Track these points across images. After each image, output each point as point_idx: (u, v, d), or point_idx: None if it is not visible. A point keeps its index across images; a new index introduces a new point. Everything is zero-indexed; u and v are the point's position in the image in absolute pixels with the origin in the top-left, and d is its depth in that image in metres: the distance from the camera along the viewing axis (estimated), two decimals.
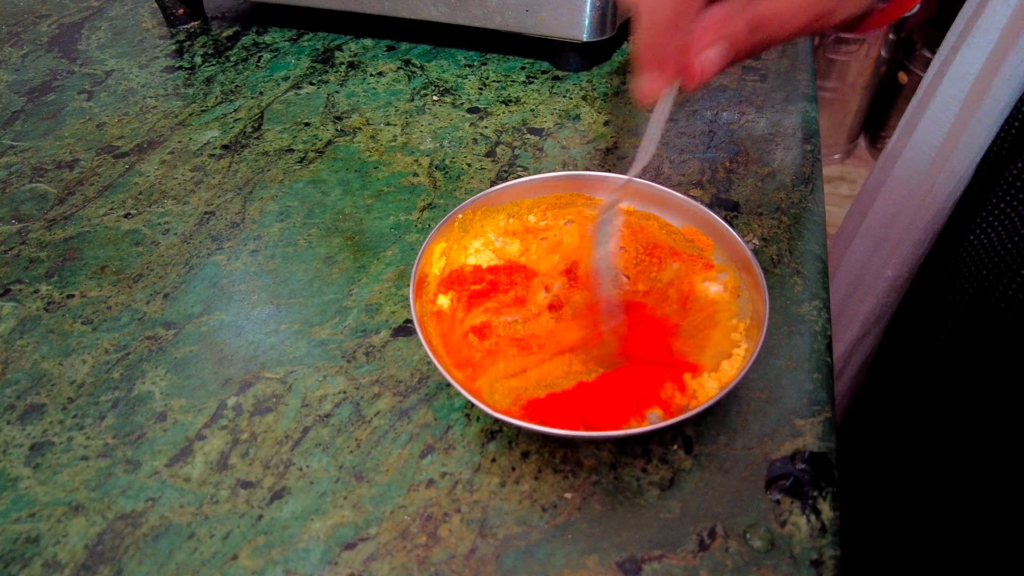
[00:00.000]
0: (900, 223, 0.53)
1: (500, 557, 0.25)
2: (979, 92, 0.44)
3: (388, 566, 0.25)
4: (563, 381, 0.28)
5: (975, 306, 0.42)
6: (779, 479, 0.27)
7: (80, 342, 0.33)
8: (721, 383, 0.27)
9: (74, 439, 0.29)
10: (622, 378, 0.28)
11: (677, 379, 0.27)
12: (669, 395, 0.27)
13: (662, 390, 0.27)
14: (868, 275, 0.57)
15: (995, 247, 0.40)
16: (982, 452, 0.44)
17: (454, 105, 0.47)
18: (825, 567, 0.25)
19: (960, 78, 0.46)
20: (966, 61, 0.46)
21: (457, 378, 0.27)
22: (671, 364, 0.28)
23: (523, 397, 0.27)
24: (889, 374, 0.57)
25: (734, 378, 0.26)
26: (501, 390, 0.27)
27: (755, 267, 0.29)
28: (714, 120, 0.44)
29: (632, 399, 0.26)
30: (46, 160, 0.44)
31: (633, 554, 0.25)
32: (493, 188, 0.33)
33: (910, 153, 0.52)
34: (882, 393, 0.57)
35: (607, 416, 0.26)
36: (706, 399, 0.26)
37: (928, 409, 0.49)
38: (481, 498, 0.26)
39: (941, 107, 0.48)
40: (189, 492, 0.27)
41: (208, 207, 0.40)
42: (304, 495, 0.27)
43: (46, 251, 0.38)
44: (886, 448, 0.54)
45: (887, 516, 0.54)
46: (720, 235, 0.31)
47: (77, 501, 0.27)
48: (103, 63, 0.54)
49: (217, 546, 0.26)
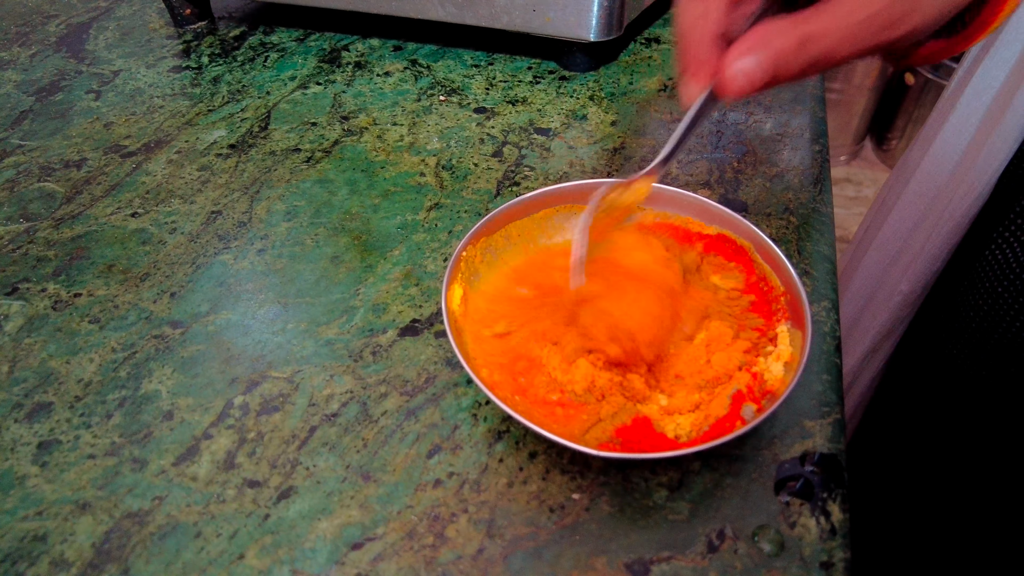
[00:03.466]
0: (917, 237, 0.52)
1: (508, 558, 0.25)
2: (1001, 105, 0.43)
3: (395, 566, 0.25)
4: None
5: (989, 323, 0.42)
6: (788, 481, 0.27)
7: (87, 341, 0.33)
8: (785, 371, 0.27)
9: (81, 437, 0.29)
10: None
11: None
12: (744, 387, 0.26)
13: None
14: (883, 288, 0.56)
15: (1011, 264, 0.40)
16: (991, 466, 0.44)
17: (461, 105, 0.47)
18: (835, 569, 0.24)
19: (982, 91, 0.46)
20: (989, 74, 0.45)
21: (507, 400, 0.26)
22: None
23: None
24: (901, 388, 0.56)
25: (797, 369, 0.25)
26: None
27: (776, 251, 0.29)
28: (722, 120, 0.44)
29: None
30: (54, 159, 0.44)
31: (642, 555, 0.25)
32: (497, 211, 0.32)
33: (929, 166, 0.51)
34: (893, 407, 0.57)
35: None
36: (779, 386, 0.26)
37: (939, 424, 0.48)
38: (488, 498, 0.26)
39: (962, 120, 0.47)
40: (196, 491, 0.27)
41: (215, 206, 0.40)
42: (311, 495, 0.27)
43: (53, 250, 0.38)
44: (897, 460, 0.54)
45: (898, 524, 0.53)
46: (748, 234, 0.31)
47: (84, 499, 0.27)
48: (111, 63, 0.54)
49: (224, 545, 0.26)
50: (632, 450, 0.25)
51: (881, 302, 0.56)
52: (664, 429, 0.26)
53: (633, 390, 0.27)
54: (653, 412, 0.26)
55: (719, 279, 0.31)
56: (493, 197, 0.40)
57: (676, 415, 0.26)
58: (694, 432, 0.26)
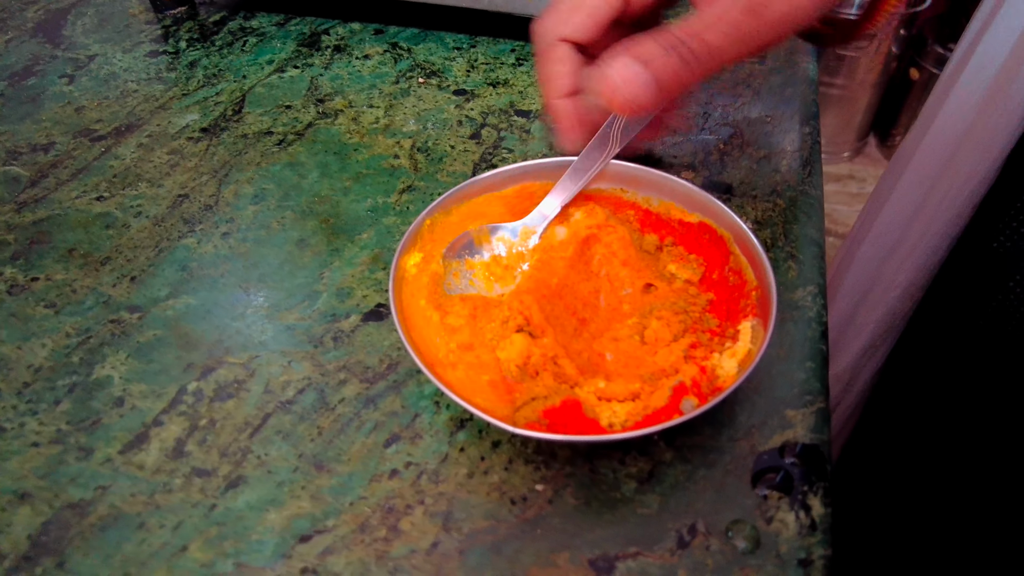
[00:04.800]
0: (915, 227, 0.50)
1: (464, 553, 0.23)
2: (1002, 86, 0.41)
3: (344, 560, 0.23)
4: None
5: (998, 319, 0.39)
6: (767, 473, 0.25)
7: (41, 326, 0.32)
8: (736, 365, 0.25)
9: (27, 425, 0.28)
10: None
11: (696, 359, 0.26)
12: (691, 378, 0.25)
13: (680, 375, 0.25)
14: (880, 282, 0.54)
15: (1023, 255, 0.38)
16: (995, 466, 0.42)
17: (440, 87, 0.46)
18: (814, 567, 0.23)
19: (981, 70, 0.43)
20: (988, 53, 0.43)
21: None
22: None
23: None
24: (902, 386, 0.54)
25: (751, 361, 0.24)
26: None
27: (755, 243, 0.27)
28: (708, 102, 0.43)
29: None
30: (21, 144, 0.43)
31: (607, 551, 0.23)
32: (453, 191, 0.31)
33: (925, 152, 0.49)
34: (894, 404, 0.55)
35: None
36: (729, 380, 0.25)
37: (941, 422, 0.46)
38: (447, 489, 0.25)
39: (960, 102, 0.45)
40: (142, 480, 0.26)
41: (183, 190, 0.39)
42: (261, 485, 0.25)
43: (13, 234, 0.37)
44: (896, 458, 0.52)
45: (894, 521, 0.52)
46: (714, 214, 0.30)
47: (24, 489, 0.26)
48: (87, 48, 0.53)
49: (167, 537, 0.24)
50: (555, 432, 0.24)
51: (878, 296, 0.54)
52: (598, 416, 0.24)
53: (565, 375, 0.26)
54: (587, 397, 0.25)
55: (676, 267, 0.30)
56: (468, 178, 0.38)
57: (613, 402, 0.25)
58: (629, 421, 0.24)
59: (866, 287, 0.56)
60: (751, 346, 0.25)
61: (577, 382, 0.25)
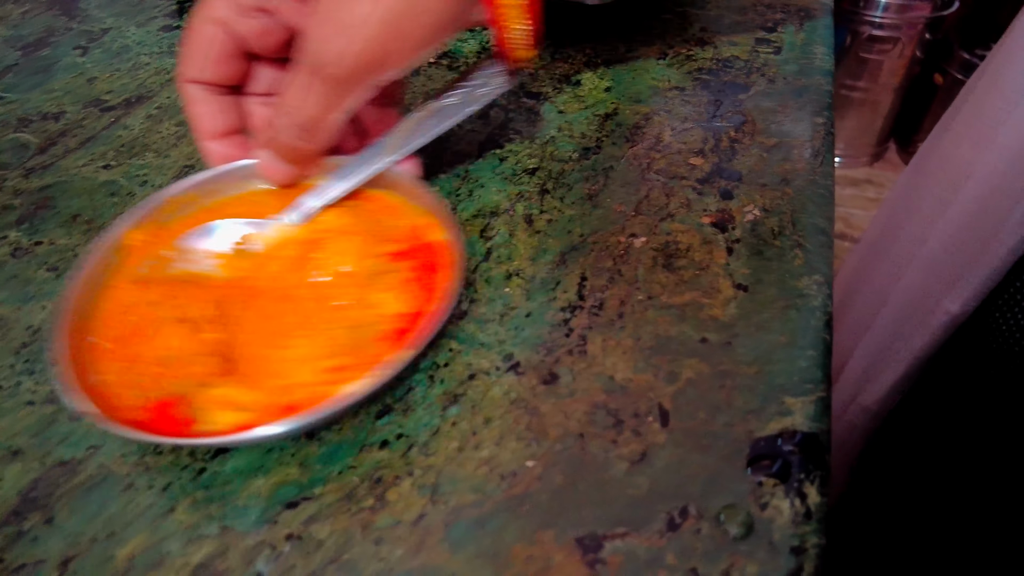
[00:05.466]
0: (968, 249, 0.46)
1: (449, 526, 0.23)
2: None
3: (329, 528, 0.23)
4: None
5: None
6: (762, 459, 0.25)
7: (41, 289, 0.32)
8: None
9: (22, 384, 0.28)
10: None
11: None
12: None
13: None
14: (920, 309, 0.49)
15: None
16: (1002, 478, 0.41)
17: (450, 68, 0.45)
18: (807, 556, 0.22)
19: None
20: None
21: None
22: None
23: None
24: (925, 418, 0.51)
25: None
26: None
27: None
28: (721, 90, 0.42)
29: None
30: (32, 112, 0.43)
31: (594, 530, 0.23)
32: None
33: (985, 167, 0.45)
34: (911, 427, 0.52)
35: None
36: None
37: (962, 443, 0.44)
38: (436, 463, 0.25)
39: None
40: (132, 442, 0.26)
41: (188, 160, 0.39)
42: (250, 451, 0.25)
43: (20, 199, 0.37)
44: (909, 481, 0.50)
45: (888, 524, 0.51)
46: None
47: (16, 446, 0.26)
48: (101, 21, 0.53)
49: (154, 498, 0.24)
50: (150, 428, 0.24)
51: (917, 324, 0.49)
52: (206, 417, 0.24)
53: (205, 374, 0.25)
54: (205, 396, 0.25)
55: (389, 296, 0.28)
56: (475, 160, 0.38)
57: (230, 410, 0.24)
58: (230, 428, 0.24)
59: (905, 315, 0.51)
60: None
61: (204, 382, 0.25)
